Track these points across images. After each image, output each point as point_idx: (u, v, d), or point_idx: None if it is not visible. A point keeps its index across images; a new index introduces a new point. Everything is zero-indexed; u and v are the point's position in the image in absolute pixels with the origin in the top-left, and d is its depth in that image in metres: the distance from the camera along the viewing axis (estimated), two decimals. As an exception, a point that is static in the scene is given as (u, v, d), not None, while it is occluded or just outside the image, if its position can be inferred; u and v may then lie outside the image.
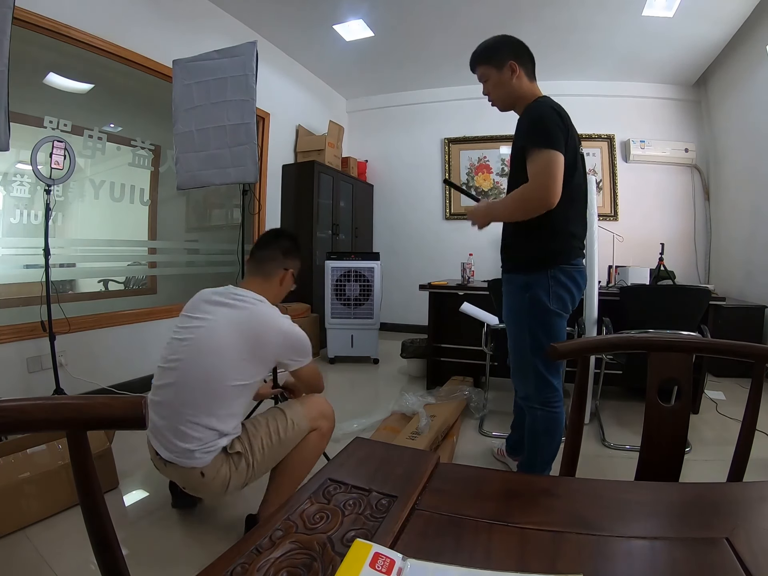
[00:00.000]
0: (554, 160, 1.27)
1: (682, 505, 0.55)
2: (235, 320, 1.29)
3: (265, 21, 3.60)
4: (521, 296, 1.45)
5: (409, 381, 3.26)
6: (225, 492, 1.31)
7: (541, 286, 1.40)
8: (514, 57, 1.42)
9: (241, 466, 1.29)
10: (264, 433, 1.34)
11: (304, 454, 1.41)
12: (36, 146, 2.01)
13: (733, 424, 2.33)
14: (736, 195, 3.96)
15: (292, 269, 1.48)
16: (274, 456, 1.37)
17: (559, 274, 1.40)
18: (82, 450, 0.53)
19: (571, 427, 0.85)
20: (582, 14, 3.36)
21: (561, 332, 1.45)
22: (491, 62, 1.45)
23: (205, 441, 1.23)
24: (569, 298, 1.43)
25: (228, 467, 1.27)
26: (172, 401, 1.27)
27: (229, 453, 1.27)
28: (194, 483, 1.27)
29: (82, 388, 2.44)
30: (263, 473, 1.38)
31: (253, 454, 1.31)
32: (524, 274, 1.44)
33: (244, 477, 1.31)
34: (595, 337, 1.55)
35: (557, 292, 1.40)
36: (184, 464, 1.23)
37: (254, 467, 1.31)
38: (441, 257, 4.84)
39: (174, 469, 1.26)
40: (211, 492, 1.32)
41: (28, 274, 2.31)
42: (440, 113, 4.98)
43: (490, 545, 0.46)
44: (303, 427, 1.39)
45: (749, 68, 3.58)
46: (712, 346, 0.88)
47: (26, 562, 1.30)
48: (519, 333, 1.48)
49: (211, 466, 1.24)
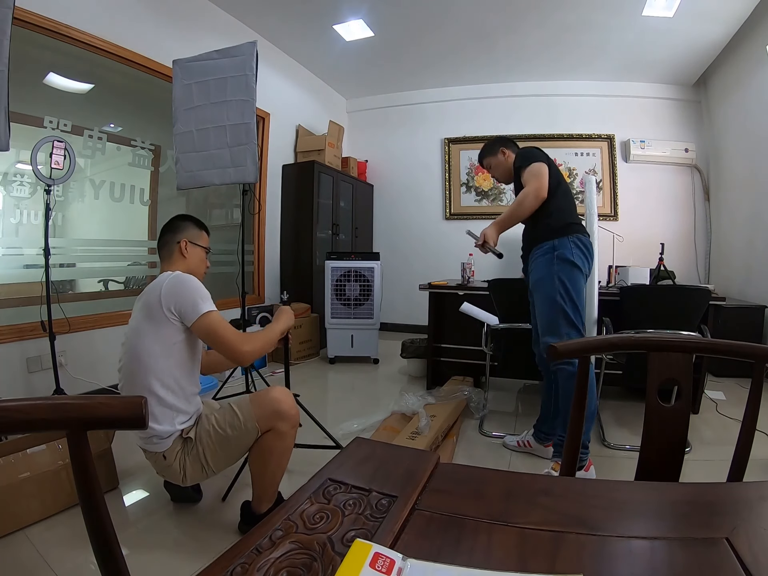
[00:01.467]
0: (538, 167, 1.78)
1: (682, 505, 0.55)
2: (140, 300, 1.41)
3: (265, 21, 3.61)
4: (549, 256, 1.78)
5: (409, 381, 3.26)
6: (184, 478, 1.38)
7: (565, 247, 1.77)
8: (502, 145, 2.03)
9: (192, 453, 1.37)
10: (212, 423, 1.38)
11: (266, 457, 1.38)
12: (36, 146, 2.02)
13: (733, 424, 2.33)
14: (736, 195, 3.96)
15: (185, 238, 1.52)
16: (225, 453, 1.38)
17: (577, 240, 1.79)
18: (82, 450, 0.53)
19: (572, 427, 0.85)
20: (582, 14, 3.36)
21: (582, 285, 1.80)
22: (490, 154, 2.06)
23: (162, 420, 1.33)
24: (585, 261, 1.80)
25: (183, 453, 1.37)
26: (125, 390, 1.41)
27: (183, 438, 1.37)
28: (160, 466, 1.39)
29: (82, 388, 2.44)
30: (219, 468, 1.41)
31: (201, 443, 1.36)
32: (550, 240, 1.80)
33: (199, 466, 1.37)
34: (595, 337, 1.55)
35: (577, 253, 1.77)
36: (150, 449, 1.36)
37: (206, 458, 1.37)
38: (441, 257, 4.83)
39: (147, 455, 1.40)
40: (173, 476, 1.40)
41: (28, 274, 2.31)
42: (440, 113, 4.98)
43: (490, 545, 0.46)
44: (250, 427, 1.34)
45: (749, 68, 3.58)
46: (712, 346, 0.88)
47: (26, 562, 1.30)
48: (549, 286, 1.76)
49: (170, 450, 1.35)
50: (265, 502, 1.44)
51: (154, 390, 1.32)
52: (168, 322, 1.32)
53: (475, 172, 4.91)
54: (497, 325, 2.32)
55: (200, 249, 1.56)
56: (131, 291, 3.05)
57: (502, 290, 2.37)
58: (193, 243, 1.53)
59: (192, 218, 1.60)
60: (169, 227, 1.55)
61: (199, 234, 1.57)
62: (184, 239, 1.52)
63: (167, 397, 1.34)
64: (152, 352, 1.32)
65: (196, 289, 1.34)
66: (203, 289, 1.37)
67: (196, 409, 1.44)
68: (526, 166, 1.80)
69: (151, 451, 1.37)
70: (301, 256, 4.11)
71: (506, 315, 2.34)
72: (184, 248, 1.51)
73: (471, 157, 4.92)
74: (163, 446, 1.35)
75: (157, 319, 1.32)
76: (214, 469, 1.39)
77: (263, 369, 3.34)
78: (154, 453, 1.37)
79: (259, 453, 1.38)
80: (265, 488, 1.43)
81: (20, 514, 1.44)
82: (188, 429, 1.38)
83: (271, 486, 1.44)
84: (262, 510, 1.44)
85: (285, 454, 1.42)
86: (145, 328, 1.33)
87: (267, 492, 1.43)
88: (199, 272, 1.53)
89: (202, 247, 1.57)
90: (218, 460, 1.39)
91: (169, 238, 1.52)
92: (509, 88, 4.73)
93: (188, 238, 1.53)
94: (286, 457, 1.43)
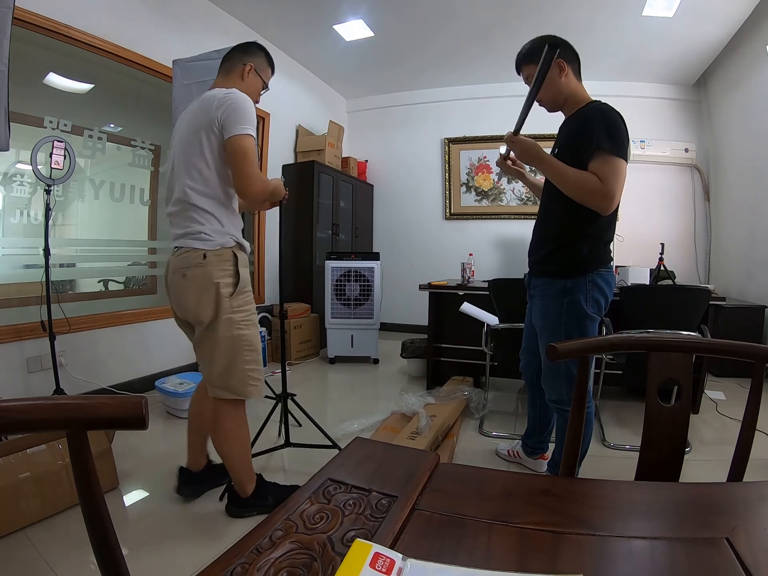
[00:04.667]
0: (624, 171, 1.33)
1: (682, 505, 0.55)
2: (192, 110, 1.40)
3: (265, 21, 3.60)
4: (559, 300, 1.47)
5: (409, 381, 3.26)
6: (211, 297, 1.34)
7: (581, 291, 1.44)
8: (560, 55, 1.34)
9: (225, 281, 1.35)
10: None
11: (221, 439, 1.45)
12: (36, 146, 2.02)
13: (733, 424, 2.33)
14: (736, 195, 3.96)
15: (251, 63, 1.48)
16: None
17: (597, 279, 1.44)
18: (82, 450, 0.53)
19: (571, 427, 0.85)
20: (582, 14, 3.36)
21: (592, 332, 1.49)
22: (537, 60, 1.34)
23: (202, 221, 1.34)
24: (604, 301, 1.48)
25: (225, 280, 1.35)
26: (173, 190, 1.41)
27: (234, 255, 1.38)
28: (192, 265, 1.35)
29: (82, 388, 2.44)
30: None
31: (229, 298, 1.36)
32: (564, 279, 1.46)
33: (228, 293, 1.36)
34: (595, 337, 1.55)
35: (594, 296, 1.45)
36: (188, 245, 1.34)
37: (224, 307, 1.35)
38: (441, 257, 4.84)
39: (177, 258, 1.37)
40: (199, 289, 1.35)
41: (28, 274, 2.31)
42: (440, 113, 4.98)
43: (490, 545, 0.46)
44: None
45: (749, 68, 3.58)
46: (712, 346, 0.88)
47: (26, 562, 1.30)
48: (554, 337, 1.47)
49: (212, 252, 1.34)
50: (247, 485, 1.49)
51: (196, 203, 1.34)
52: (211, 128, 1.32)
53: (475, 172, 4.91)
54: (497, 325, 2.32)
55: (260, 81, 1.51)
56: (131, 291, 3.05)
57: (502, 290, 2.37)
58: (257, 72, 1.49)
59: (267, 52, 1.55)
60: (242, 47, 1.50)
61: (266, 68, 1.53)
62: (251, 63, 1.47)
63: (214, 211, 1.36)
64: (198, 164, 1.33)
65: (248, 109, 1.33)
66: (254, 114, 1.35)
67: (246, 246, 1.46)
68: (614, 157, 1.31)
69: (190, 247, 1.34)
70: (301, 256, 4.11)
71: (506, 315, 2.34)
72: (247, 72, 1.46)
73: (471, 157, 4.92)
74: (210, 244, 1.33)
75: (204, 125, 1.32)
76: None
77: (263, 369, 3.33)
78: (192, 250, 1.33)
79: (215, 435, 1.45)
80: (233, 469, 1.48)
81: (20, 514, 1.44)
82: (241, 258, 1.39)
83: (237, 469, 1.48)
84: (247, 492, 1.49)
85: (235, 432, 1.45)
86: (189, 148, 1.35)
87: (237, 475, 1.48)
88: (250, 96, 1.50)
89: (262, 80, 1.52)
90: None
91: (238, 56, 1.48)
92: (509, 88, 4.72)
93: (256, 64, 1.49)
94: (238, 436, 1.46)
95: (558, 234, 1.49)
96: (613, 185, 1.31)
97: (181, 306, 1.40)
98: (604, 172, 1.31)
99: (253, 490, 1.51)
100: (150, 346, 2.82)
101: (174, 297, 1.42)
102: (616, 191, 1.31)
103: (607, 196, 1.31)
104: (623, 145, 1.33)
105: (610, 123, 1.34)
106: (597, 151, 1.32)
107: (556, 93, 1.46)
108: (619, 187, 1.32)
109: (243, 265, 1.40)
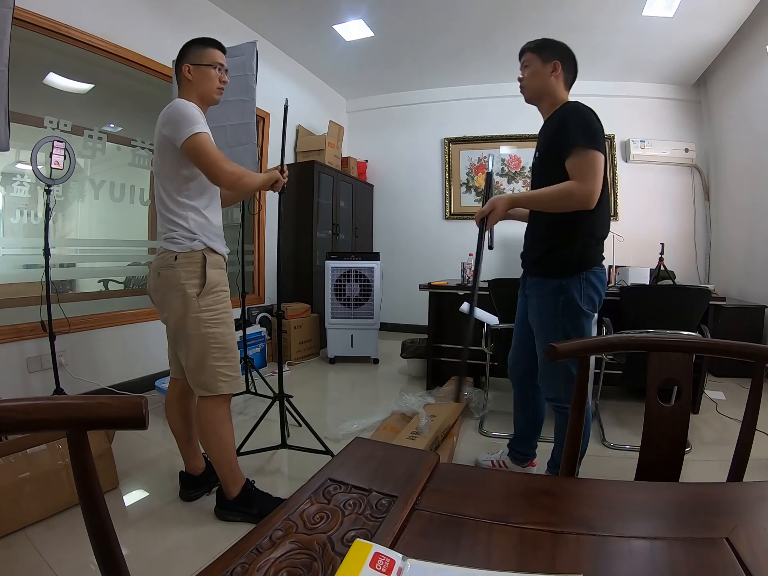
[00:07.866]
0: (601, 163, 1.38)
1: (682, 505, 0.55)
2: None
3: (265, 21, 3.60)
4: (554, 299, 1.50)
5: (409, 381, 3.26)
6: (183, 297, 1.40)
7: (575, 289, 1.48)
8: (560, 59, 1.50)
9: (191, 282, 1.41)
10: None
11: (204, 437, 1.49)
12: (36, 146, 2.01)
13: (733, 424, 2.33)
14: (736, 195, 3.96)
15: (186, 63, 1.46)
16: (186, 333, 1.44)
17: (590, 277, 1.49)
18: (82, 450, 0.53)
19: (572, 427, 0.85)
20: (582, 14, 3.36)
21: (590, 331, 1.54)
22: (540, 53, 1.51)
23: (184, 218, 1.42)
24: (598, 298, 1.52)
25: (192, 280, 1.41)
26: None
27: (204, 258, 1.44)
28: (165, 265, 1.43)
29: (82, 388, 2.44)
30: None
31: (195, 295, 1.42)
32: (558, 278, 1.50)
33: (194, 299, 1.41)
34: (595, 337, 1.55)
35: (588, 294, 1.49)
36: (165, 247, 1.42)
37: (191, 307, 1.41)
38: (441, 257, 4.84)
39: (157, 258, 1.46)
40: (168, 288, 1.43)
41: (28, 274, 2.31)
42: (440, 113, 4.98)
43: (490, 545, 0.46)
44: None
45: (749, 68, 3.58)
46: (712, 346, 0.88)
47: (26, 562, 1.29)
48: (551, 336, 1.50)
49: (182, 255, 1.41)
50: (231, 486, 1.49)
51: (170, 200, 1.42)
52: (164, 147, 1.38)
53: (475, 172, 4.91)
54: (497, 325, 2.32)
55: (207, 70, 1.45)
56: (131, 291, 3.04)
57: (502, 290, 2.37)
58: (196, 65, 1.45)
59: (196, 39, 1.49)
60: (177, 57, 1.49)
61: (201, 53, 1.46)
62: (186, 64, 1.45)
63: (179, 210, 1.42)
64: (166, 176, 1.42)
65: (186, 112, 1.35)
66: (195, 112, 1.36)
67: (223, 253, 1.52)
68: (591, 150, 1.36)
69: (164, 248, 1.42)
70: (301, 256, 4.11)
71: (506, 315, 2.34)
72: (187, 73, 1.45)
73: (471, 157, 4.92)
74: (180, 247, 1.40)
75: (161, 150, 1.40)
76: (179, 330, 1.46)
77: (263, 369, 3.34)
78: (165, 251, 1.41)
79: (199, 432, 1.50)
80: (216, 466, 1.49)
81: (20, 514, 1.43)
82: (211, 260, 1.43)
83: (220, 466, 1.48)
84: (232, 495, 1.49)
85: (214, 429, 1.46)
86: (158, 161, 1.43)
87: (221, 473, 1.49)
88: (210, 92, 1.47)
89: (210, 66, 1.46)
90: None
91: (177, 67, 1.48)
92: (509, 88, 4.72)
93: (190, 61, 1.45)
94: (217, 432, 1.47)
95: (550, 236, 1.53)
96: (591, 179, 1.36)
97: (157, 303, 1.50)
98: (581, 167, 1.37)
99: (239, 494, 1.50)
100: (150, 346, 2.82)
101: (152, 295, 1.52)
102: (595, 184, 1.36)
103: (586, 192, 1.36)
104: (597, 138, 1.39)
105: (583, 118, 1.41)
106: (573, 146, 1.38)
107: (540, 85, 1.53)
108: (597, 180, 1.37)
109: (213, 266, 1.45)
